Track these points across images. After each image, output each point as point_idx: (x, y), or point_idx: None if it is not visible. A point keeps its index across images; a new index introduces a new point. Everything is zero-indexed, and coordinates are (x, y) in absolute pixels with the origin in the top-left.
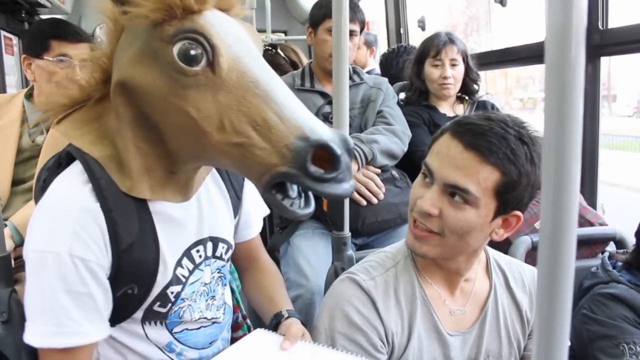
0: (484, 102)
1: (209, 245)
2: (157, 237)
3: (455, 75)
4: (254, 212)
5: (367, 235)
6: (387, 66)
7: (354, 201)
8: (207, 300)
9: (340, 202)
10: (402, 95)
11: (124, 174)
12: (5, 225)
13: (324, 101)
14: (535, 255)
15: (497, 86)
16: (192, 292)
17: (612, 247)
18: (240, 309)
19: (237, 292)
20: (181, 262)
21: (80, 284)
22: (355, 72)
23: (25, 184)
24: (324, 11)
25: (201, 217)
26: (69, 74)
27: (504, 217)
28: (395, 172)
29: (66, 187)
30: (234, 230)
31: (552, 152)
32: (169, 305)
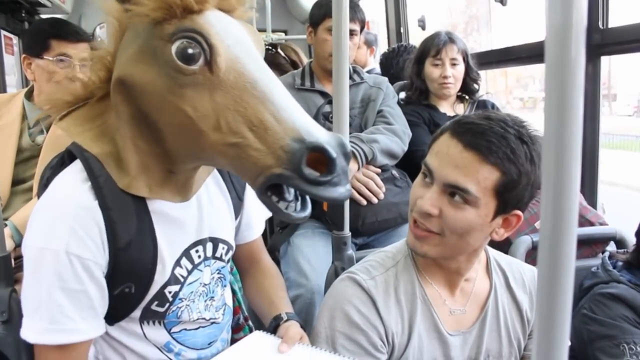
0: (484, 102)
1: (209, 245)
2: (156, 236)
3: (455, 74)
4: (256, 214)
5: (368, 234)
6: (387, 65)
7: (354, 201)
8: (206, 300)
9: (340, 202)
10: (402, 94)
11: (122, 171)
12: (5, 225)
13: (324, 101)
14: (535, 254)
15: (497, 85)
16: (191, 293)
17: (612, 247)
18: (241, 310)
19: (238, 294)
20: (180, 262)
21: (76, 281)
22: (355, 71)
23: (25, 183)
24: (324, 10)
25: (201, 217)
26: (69, 73)
27: (504, 216)
28: (395, 172)
29: (66, 185)
30: (236, 231)
31: (552, 151)
32: (167, 305)
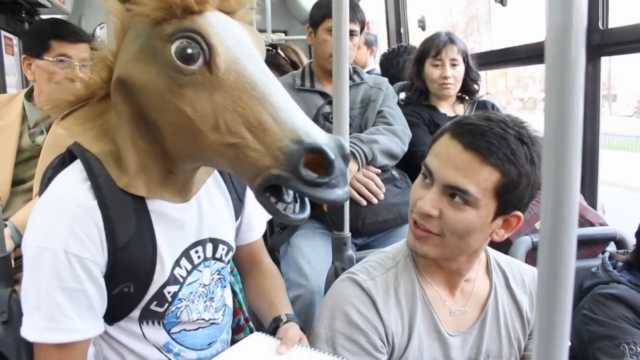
0: (484, 102)
1: (209, 246)
2: (155, 236)
3: (455, 75)
4: (257, 215)
5: (368, 235)
6: (387, 66)
7: (354, 201)
8: (205, 301)
9: None
10: (402, 95)
11: (121, 170)
12: (5, 225)
13: (324, 101)
14: (535, 255)
15: (497, 86)
16: (190, 293)
17: (612, 247)
18: (242, 311)
19: (239, 295)
20: (179, 262)
21: (74, 280)
22: (355, 72)
23: (25, 184)
24: (324, 11)
25: (201, 218)
26: (69, 74)
27: (504, 217)
28: (395, 172)
29: (65, 184)
30: (236, 232)
31: (552, 152)
32: (166, 305)
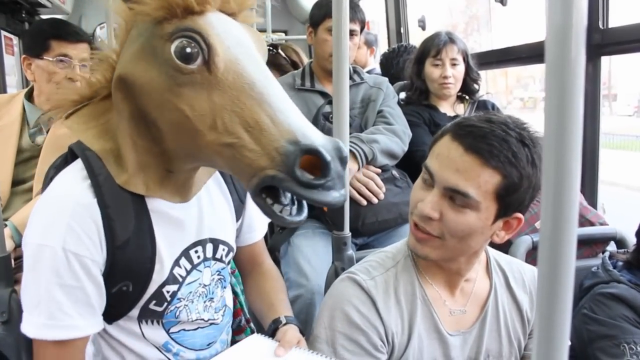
0: (485, 102)
1: (209, 246)
2: (154, 235)
3: (455, 74)
4: (258, 216)
5: (368, 235)
6: (388, 66)
7: (354, 201)
8: (205, 301)
9: None
10: (403, 94)
11: (121, 168)
12: (5, 225)
13: (324, 101)
14: (535, 254)
15: (497, 86)
16: (189, 293)
17: (612, 247)
18: (243, 312)
19: (241, 296)
20: (179, 261)
21: (73, 278)
22: (355, 71)
23: (25, 184)
24: (324, 11)
25: (201, 218)
26: (69, 73)
27: (505, 219)
28: (395, 172)
29: (66, 183)
30: (237, 233)
31: (552, 151)
32: (165, 304)
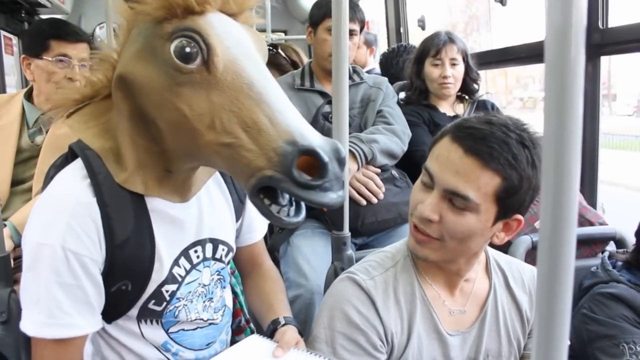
0: (484, 102)
1: (209, 246)
2: (154, 234)
3: (455, 74)
4: (258, 217)
5: (367, 235)
6: (387, 65)
7: (353, 201)
8: (204, 301)
9: None
10: (402, 94)
11: (120, 167)
12: (4, 225)
13: (324, 101)
14: (535, 254)
15: (497, 85)
16: (189, 292)
17: (612, 247)
18: (243, 312)
19: (241, 297)
20: (178, 261)
21: (71, 276)
22: (355, 71)
23: (24, 184)
24: (323, 10)
25: (201, 218)
26: (68, 73)
27: (504, 221)
28: (395, 172)
29: (65, 182)
30: (237, 233)
31: (551, 151)
32: (164, 303)
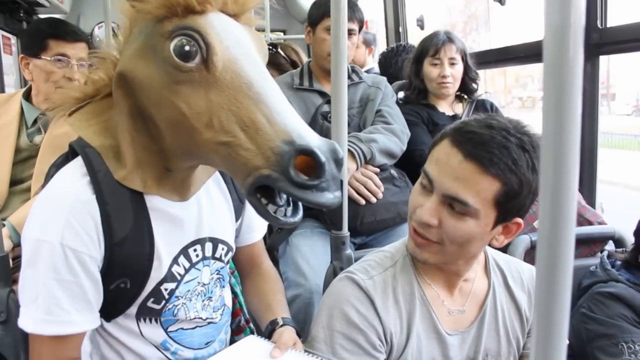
0: (483, 101)
1: (208, 245)
2: (153, 233)
3: (454, 74)
4: (257, 217)
5: (366, 234)
6: (386, 65)
7: (352, 200)
8: (203, 300)
9: None
10: (401, 94)
11: (120, 164)
12: (3, 225)
13: (323, 100)
14: (534, 254)
15: (496, 85)
16: (188, 291)
17: (611, 246)
18: (243, 312)
19: (240, 296)
20: (177, 260)
21: (70, 273)
22: (354, 71)
23: (23, 184)
24: (322, 10)
25: (200, 217)
26: (67, 73)
27: (504, 224)
28: (394, 171)
29: (65, 179)
30: (237, 233)
31: (550, 151)
32: (163, 302)
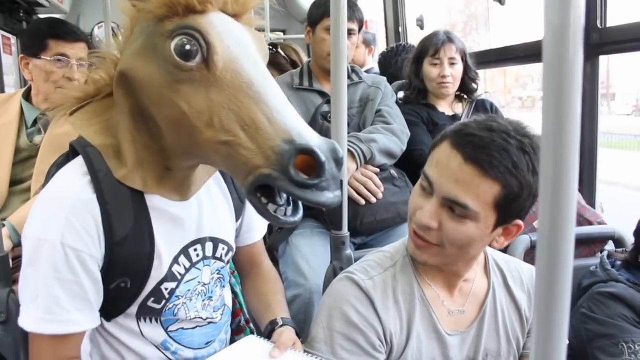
0: (483, 101)
1: (209, 245)
2: (153, 232)
3: (454, 74)
4: (258, 217)
5: (366, 234)
6: (386, 65)
7: (352, 200)
8: (204, 300)
9: None
10: (401, 94)
11: (120, 163)
12: (3, 225)
13: (323, 100)
14: (534, 254)
15: (496, 85)
16: (188, 291)
17: (611, 246)
18: (243, 312)
19: (240, 297)
20: (178, 259)
21: (70, 273)
22: (353, 71)
23: (23, 184)
24: (322, 10)
25: (201, 217)
26: (67, 73)
27: (504, 226)
28: (394, 171)
29: (66, 179)
30: (237, 233)
31: (550, 151)
32: (163, 301)
